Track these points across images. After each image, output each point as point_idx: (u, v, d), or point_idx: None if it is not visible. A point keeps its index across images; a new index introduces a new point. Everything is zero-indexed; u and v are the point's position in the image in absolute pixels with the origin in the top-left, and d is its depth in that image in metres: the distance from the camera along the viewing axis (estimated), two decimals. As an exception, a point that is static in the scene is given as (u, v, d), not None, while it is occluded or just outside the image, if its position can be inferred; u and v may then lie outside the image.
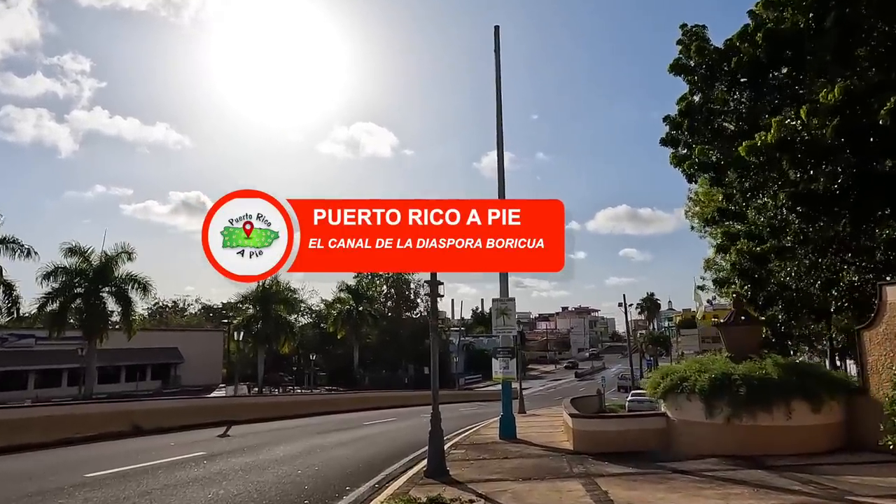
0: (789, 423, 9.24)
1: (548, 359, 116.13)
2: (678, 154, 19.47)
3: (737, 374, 9.61)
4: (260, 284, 46.42)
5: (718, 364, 10.20)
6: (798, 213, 15.09)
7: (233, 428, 19.01)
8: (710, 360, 10.83)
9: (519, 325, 31.97)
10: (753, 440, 9.38)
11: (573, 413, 12.02)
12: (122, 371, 55.46)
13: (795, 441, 9.27)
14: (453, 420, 24.96)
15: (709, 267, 33.43)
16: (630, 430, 10.88)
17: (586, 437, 11.24)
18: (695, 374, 10.15)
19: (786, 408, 9.21)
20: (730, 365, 10.07)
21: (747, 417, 9.31)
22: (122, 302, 33.95)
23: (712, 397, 9.63)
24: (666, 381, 10.52)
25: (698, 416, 9.87)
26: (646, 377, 65.89)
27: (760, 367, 9.75)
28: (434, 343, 9.98)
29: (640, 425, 10.93)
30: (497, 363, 14.89)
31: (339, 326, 58.85)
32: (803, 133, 14.36)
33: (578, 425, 11.56)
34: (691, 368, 10.46)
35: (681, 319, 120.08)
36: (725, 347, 11.08)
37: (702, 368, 10.27)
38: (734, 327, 10.82)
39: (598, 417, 11.25)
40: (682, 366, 10.94)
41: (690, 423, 10.08)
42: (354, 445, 14.78)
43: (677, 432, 10.37)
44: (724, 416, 9.53)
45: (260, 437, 16.25)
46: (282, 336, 46.64)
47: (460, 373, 71.67)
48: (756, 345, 11.06)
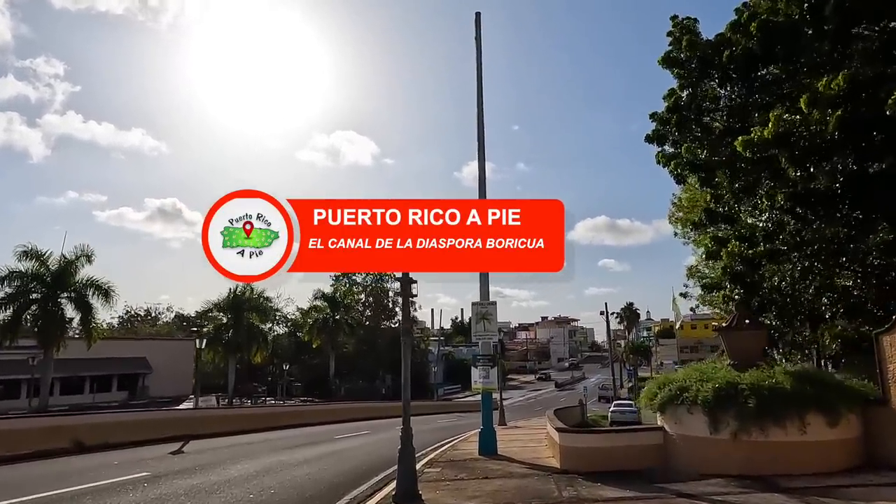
0: (804, 438, 8.22)
1: (527, 369, 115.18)
2: (665, 153, 18.61)
3: (744, 383, 8.59)
4: (231, 291, 44.73)
5: (722, 372, 9.18)
6: (795, 215, 14.25)
7: (191, 443, 17.57)
8: (712, 367, 9.80)
9: (500, 332, 30.81)
10: (764, 458, 8.34)
11: (560, 427, 10.89)
12: (85, 382, 53.26)
13: (810, 458, 8.25)
14: (430, 433, 23.70)
15: (692, 274, 32.69)
16: (623, 447, 9.79)
17: (575, 453, 10.11)
18: (696, 383, 9.12)
19: (800, 421, 8.20)
20: (733, 373, 9.05)
21: (757, 432, 8.28)
22: (81, 308, 32.06)
23: (717, 410, 8.58)
24: (664, 391, 9.46)
25: (701, 430, 8.81)
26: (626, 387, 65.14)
27: (769, 375, 8.74)
28: (406, 350, 8.79)
29: (634, 441, 9.84)
30: (476, 372, 13.72)
31: (315, 335, 57.17)
32: (801, 128, 13.55)
33: (566, 441, 10.43)
34: (691, 377, 9.43)
35: (659, 329, 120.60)
36: (727, 354, 10.06)
37: (703, 377, 9.24)
38: (737, 332, 9.81)
39: (588, 432, 10.15)
40: (681, 374, 9.89)
41: (692, 439, 9.02)
42: (320, 463, 13.47)
43: (676, 449, 9.31)
44: (730, 430, 8.49)
45: (217, 454, 14.83)
46: (254, 345, 44.85)
47: (439, 383, 70.34)
48: (761, 351, 10.08)
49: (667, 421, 9.49)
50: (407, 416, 8.61)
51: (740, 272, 16.66)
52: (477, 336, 13.93)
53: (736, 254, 16.47)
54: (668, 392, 9.32)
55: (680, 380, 9.49)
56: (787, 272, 16.24)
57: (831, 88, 12.76)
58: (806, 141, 13.37)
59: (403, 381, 8.54)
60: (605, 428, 9.93)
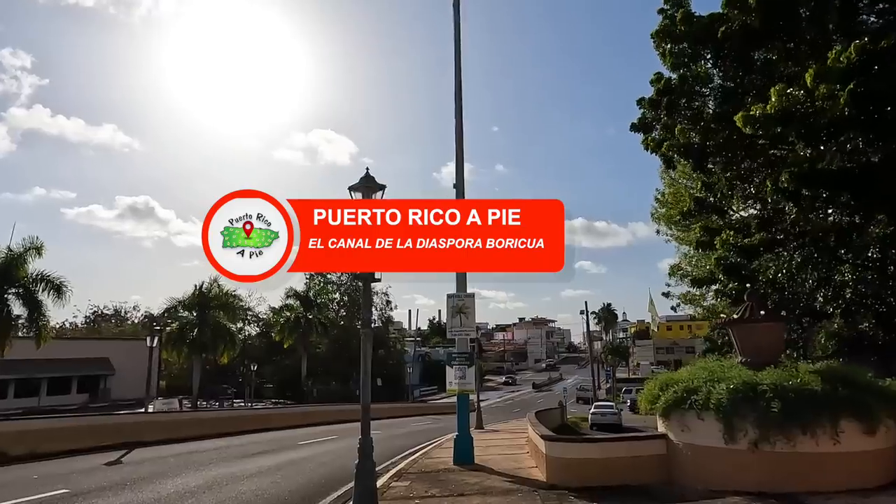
0: (836, 448, 6.95)
1: (505, 370, 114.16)
2: (655, 138, 17.42)
3: (764, 384, 7.29)
4: (197, 288, 42.57)
5: (735, 371, 7.87)
6: (799, 198, 13.11)
7: (135, 452, 15.84)
8: (721, 366, 8.49)
9: (478, 331, 29.46)
10: (788, 472, 7.06)
11: (546, 435, 9.49)
12: (42, 384, 50.78)
13: (844, 473, 7.00)
14: (403, 437, 22.21)
15: (674, 273, 31.69)
16: (620, 458, 8.43)
17: (563, 466, 8.74)
18: (706, 383, 7.80)
19: (832, 429, 6.92)
20: (749, 373, 7.75)
21: (781, 442, 6.98)
22: (29, 305, 29.74)
23: (733, 415, 7.27)
24: (668, 393, 8.13)
25: (713, 439, 7.50)
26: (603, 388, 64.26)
27: (792, 374, 7.46)
28: (366, 345, 7.32)
29: (632, 451, 8.49)
30: (452, 372, 12.27)
31: (287, 335, 55.15)
32: (806, 105, 12.42)
33: (553, 451, 9.05)
34: (698, 376, 8.11)
35: (635, 331, 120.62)
36: (738, 350, 8.78)
37: (713, 377, 7.94)
38: (750, 325, 8.51)
39: (579, 441, 8.75)
40: (685, 373, 8.57)
41: (702, 449, 7.70)
42: (274, 475, 11.90)
43: (683, 460, 7.98)
44: (749, 439, 7.19)
45: (159, 465, 13.16)
46: (220, 345, 42.69)
47: (415, 384, 68.76)
48: (779, 347, 8.83)
49: (671, 428, 8.17)
50: (366, 425, 7.14)
51: (735, 264, 15.53)
52: (453, 332, 12.50)
53: (731, 243, 15.33)
54: (672, 394, 8.00)
55: (685, 380, 8.17)
56: (783, 264, 15.16)
57: (840, 62, 11.64)
58: (811, 118, 12.26)
59: (362, 383, 7.08)
60: (598, 436, 8.57)
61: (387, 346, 71.84)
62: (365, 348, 7.25)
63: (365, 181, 7.46)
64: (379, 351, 70.37)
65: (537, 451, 10.66)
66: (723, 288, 16.84)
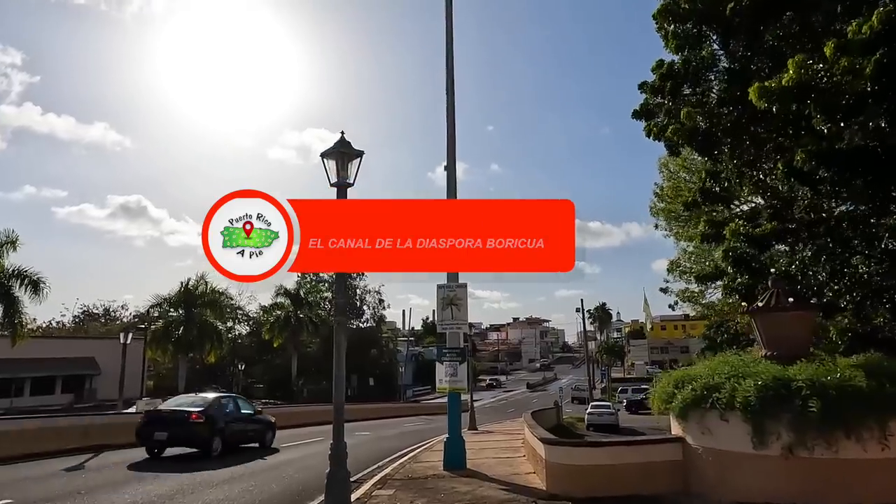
0: (885, 455, 5.99)
1: (499, 370, 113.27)
2: (658, 123, 16.48)
3: (799, 379, 6.32)
4: (182, 285, 41.40)
5: (762, 366, 6.90)
6: (814, 181, 12.17)
7: (104, 455, 14.76)
8: (742, 360, 7.52)
9: (470, 328, 28.47)
10: (829, 482, 6.10)
11: (546, 438, 8.50)
12: (26, 384, 49.67)
13: (892, 483, 6.03)
14: (393, 439, 21.22)
15: (672, 269, 30.80)
16: (630, 465, 7.45)
17: (565, 473, 7.75)
18: (729, 380, 6.83)
19: (880, 432, 5.96)
20: (778, 368, 6.78)
21: (821, 447, 6.02)
22: (4, 302, 28.55)
23: (764, 415, 6.31)
24: (685, 391, 7.16)
25: (739, 443, 6.53)
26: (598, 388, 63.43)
27: (829, 369, 6.50)
28: (339, 334, 6.31)
29: (644, 456, 7.51)
30: (442, 369, 11.25)
31: (276, 334, 54.00)
32: (826, 78, 11.49)
33: (554, 456, 8.06)
34: (719, 372, 7.14)
35: (629, 330, 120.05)
36: (762, 343, 7.81)
37: (736, 372, 6.96)
38: (777, 315, 7.53)
39: (583, 445, 7.74)
40: (702, 368, 7.59)
41: (725, 455, 6.73)
42: (248, 481, 10.88)
43: (703, 467, 7.01)
44: (782, 444, 6.23)
45: (122, 471, 12.10)
46: (207, 343, 41.56)
47: (408, 384, 67.83)
48: (809, 339, 7.87)
49: (689, 430, 7.19)
50: (339, 427, 6.12)
51: (744, 255, 14.57)
52: (443, 325, 11.48)
53: (741, 233, 14.37)
54: (690, 392, 7.03)
55: (704, 375, 7.19)
56: (797, 255, 14.24)
57: (862, 33, 10.73)
58: (831, 94, 11.33)
59: (335, 378, 6.06)
60: (604, 439, 7.54)
61: (379, 346, 70.85)
62: (338, 339, 6.26)
63: (340, 146, 6.46)
64: (371, 350, 69.39)
65: (535, 455, 9.68)
66: (730, 282, 15.90)
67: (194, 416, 13.87)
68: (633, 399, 46.28)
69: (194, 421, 13.77)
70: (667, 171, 28.99)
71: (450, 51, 12.61)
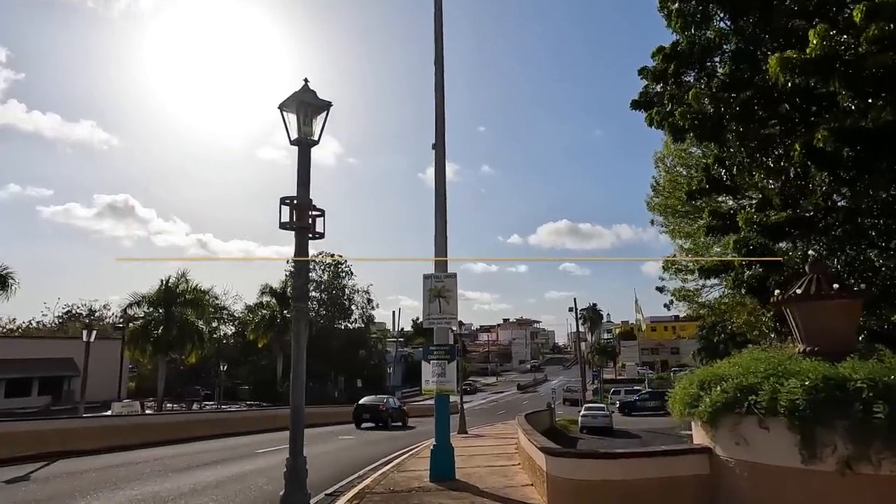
0: (967, 471, 4.88)
1: (489, 371, 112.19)
2: (661, 111, 15.46)
3: (857, 379, 5.21)
4: (163, 283, 39.92)
5: (807, 364, 5.78)
6: (836, 164, 11.14)
7: (57, 464, 13.54)
8: (779, 356, 6.40)
9: (460, 325, 27.29)
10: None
11: (548, 448, 7.33)
12: (0, 386, 48.23)
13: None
14: (377, 444, 19.98)
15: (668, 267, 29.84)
16: (647, 480, 6.30)
17: (571, 490, 6.60)
18: (767, 380, 5.71)
19: (961, 443, 4.86)
20: (824, 365, 5.67)
21: (890, 461, 4.91)
22: (-32, 298, 27.05)
23: (815, 422, 5.19)
24: (714, 393, 6.02)
25: (782, 455, 5.42)
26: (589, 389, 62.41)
27: (891, 367, 5.40)
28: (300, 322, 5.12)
29: (664, 470, 6.36)
30: (428, 368, 10.08)
31: (261, 334, 52.60)
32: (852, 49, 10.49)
33: (557, 468, 6.91)
34: (753, 370, 6.01)
35: (620, 331, 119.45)
36: (799, 336, 6.70)
37: (775, 370, 5.84)
38: (820, 303, 6.39)
39: (593, 457, 6.59)
40: (729, 366, 6.46)
41: (765, 470, 5.61)
42: (208, 495, 9.69)
43: (735, 483, 5.89)
44: (838, 457, 5.11)
45: (71, 482, 10.84)
46: (188, 343, 40.10)
47: (397, 385, 66.56)
48: (854, 333, 6.76)
49: (719, 439, 6.06)
50: (297, 436, 4.93)
51: (758, 246, 13.52)
52: (430, 319, 10.32)
53: (755, 222, 13.32)
54: (720, 394, 5.90)
55: (735, 374, 6.07)
56: (811, 246, 13.23)
57: (890, 0, 9.73)
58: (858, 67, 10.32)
59: (294, 373, 4.88)
60: (619, 451, 6.40)
61: (368, 347, 69.60)
62: (297, 328, 5.07)
63: (302, 95, 5.27)
64: (360, 351, 68.09)
65: (534, 465, 8.53)
66: (739, 275, 14.87)
67: (381, 406, 28.14)
68: (626, 400, 45.42)
69: (381, 409, 27.82)
70: (663, 166, 28.11)
71: (439, 19, 11.46)
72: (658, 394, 46.45)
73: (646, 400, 44.37)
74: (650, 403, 43.40)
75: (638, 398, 45.26)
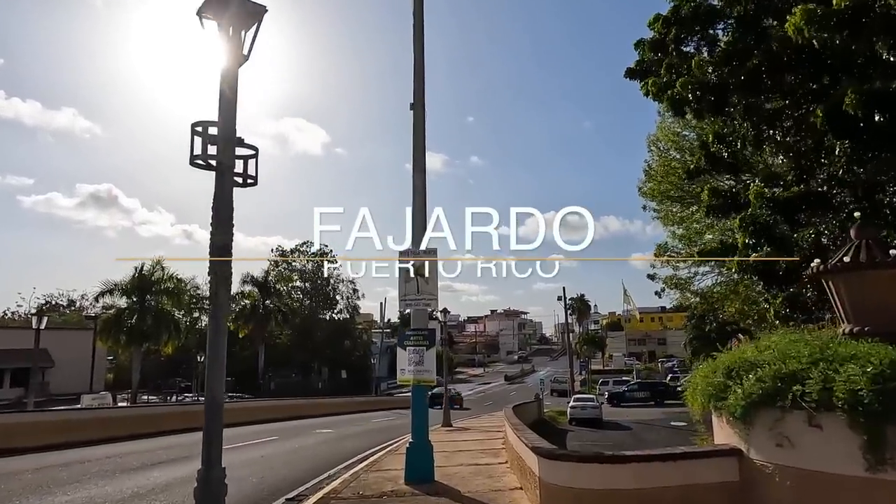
0: None
1: (476, 362, 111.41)
2: (658, 82, 14.36)
3: (937, 364, 4.09)
4: (137, 270, 38.32)
5: (864, 347, 4.65)
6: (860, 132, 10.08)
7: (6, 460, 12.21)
8: (821, 337, 5.28)
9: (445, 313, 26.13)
10: None
11: (540, 448, 6.15)
12: (-31, 378, 46.51)
13: None
14: (355, 438, 18.82)
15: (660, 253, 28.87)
16: (664, 490, 5.15)
17: (571, 499, 5.45)
18: (815, 366, 4.57)
19: None
20: (887, 349, 4.55)
21: None
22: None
23: (884, 419, 4.07)
24: (748, 382, 4.87)
25: (840, 461, 4.30)
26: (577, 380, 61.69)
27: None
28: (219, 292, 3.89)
29: (685, 476, 5.21)
30: (405, 355, 8.87)
31: (242, 324, 51.14)
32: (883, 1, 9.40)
33: (552, 474, 5.75)
34: (797, 355, 4.86)
35: (607, 322, 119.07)
36: (843, 314, 5.57)
37: (823, 355, 4.71)
38: (869, 273, 5.27)
39: (598, 461, 5.41)
40: (761, 350, 5.32)
41: (815, 477, 4.48)
42: (146, 502, 8.43)
43: (773, 494, 4.75)
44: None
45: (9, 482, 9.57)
46: (164, 333, 38.59)
47: (383, 377, 65.37)
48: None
49: (753, 439, 4.93)
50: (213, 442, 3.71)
51: (767, 224, 12.43)
52: (407, 301, 9.09)
53: (767, 197, 12.21)
54: (756, 384, 4.75)
55: (770, 360, 4.94)
56: (827, 224, 12.19)
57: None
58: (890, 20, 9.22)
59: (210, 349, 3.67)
60: (629, 453, 5.22)
61: (353, 337, 68.35)
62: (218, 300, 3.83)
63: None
64: (345, 342, 66.79)
65: (523, 467, 7.38)
66: (746, 257, 13.82)
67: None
68: (615, 391, 44.64)
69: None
70: (656, 149, 27.05)
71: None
72: (647, 384, 45.72)
73: (635, 391, 43.59)
74: (639, 394, 42.64)
75: (627, 389, 44.50)
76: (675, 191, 25.67)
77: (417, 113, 9.50)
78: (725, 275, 25.58)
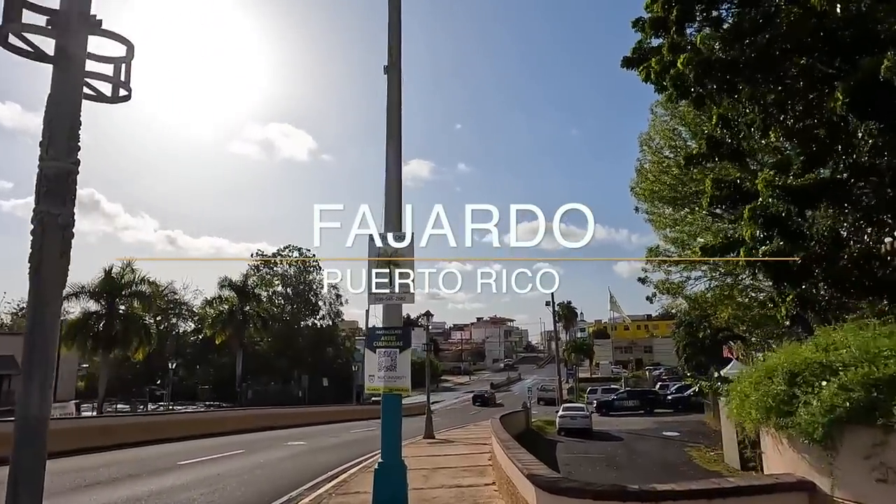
0: None
1: (462, 370, 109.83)
2: (661, 61, 13.14)
3: None
4: (106, 272, 36.39)
5: None
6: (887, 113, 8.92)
7: None
8: None
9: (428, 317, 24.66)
10: None
11: (540, 478, 4.74)
12: (-71, 386, 44.21)
13: None
14: (330, 451, 17.28)
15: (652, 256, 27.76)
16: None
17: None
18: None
19: None
20: None
21: None
22: None
23: None
24: (826, 392, 3.54)
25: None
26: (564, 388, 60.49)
27: None
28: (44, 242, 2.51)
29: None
30: (374, 359, 7.45)
31: (219, 329, 49.22)
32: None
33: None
34: (884, 354, 3.56)
35: (594, 330, 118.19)
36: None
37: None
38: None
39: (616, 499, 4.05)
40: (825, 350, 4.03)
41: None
42: None
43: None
44: None
45: None
46: (134, 339, 36.66)
47: (365, 385, 63.60)
48: None
49: (837, 469, 3.61)
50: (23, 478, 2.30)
51: (778, 214, 11.22)
52: (377, 295, 7.68)
53: (778, 185, 11.01)
54: (839, 394, 3.46)
55: (848, 360, 3.65)
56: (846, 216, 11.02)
57: None
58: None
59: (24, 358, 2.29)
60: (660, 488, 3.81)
61: (336, 344, 66.50)
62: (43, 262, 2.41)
63: None
64: (327, 349, 64.89)
65: (516, 495, 6.00)
66: (752, 253, 12.62)
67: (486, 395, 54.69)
68: (604, 400, 43.35)
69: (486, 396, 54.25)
70: (649, 148, 25.97)
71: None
72: (637, 393, 44.46)
73: (624, 399, 42.30)
74: (628, 403, 41.36)
75: (616, 397, 43.20)
76: (668, 192, 24.67)
77: (392, 76, 8.14)
78: (719, 279, 24.55)
